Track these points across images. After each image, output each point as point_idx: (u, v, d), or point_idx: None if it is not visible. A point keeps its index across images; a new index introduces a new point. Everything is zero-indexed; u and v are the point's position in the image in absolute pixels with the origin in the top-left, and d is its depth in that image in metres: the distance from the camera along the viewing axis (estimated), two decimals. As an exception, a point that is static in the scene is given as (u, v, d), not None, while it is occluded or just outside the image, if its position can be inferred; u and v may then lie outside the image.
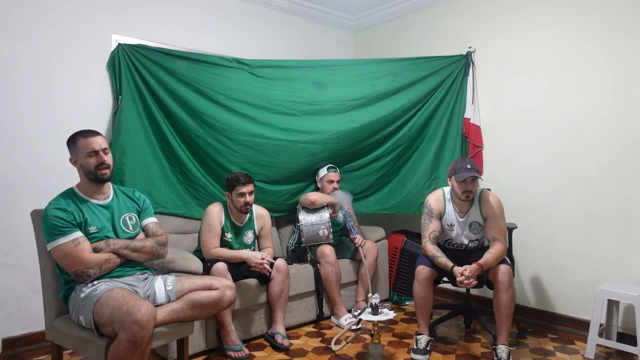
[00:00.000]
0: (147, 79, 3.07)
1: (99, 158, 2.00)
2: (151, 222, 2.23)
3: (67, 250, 1.89)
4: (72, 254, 1.89)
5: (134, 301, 1.79)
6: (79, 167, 2.03)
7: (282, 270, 2.85)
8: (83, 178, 2.06)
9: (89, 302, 1.86)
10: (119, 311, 1.76)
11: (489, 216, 2.71)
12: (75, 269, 1.90)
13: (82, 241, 1.93)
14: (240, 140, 3.24)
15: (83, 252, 1.91)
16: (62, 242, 1.89)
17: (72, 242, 1.90)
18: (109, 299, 1.82)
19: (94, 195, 2.08)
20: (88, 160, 1.99)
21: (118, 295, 1.83)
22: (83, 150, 1.99)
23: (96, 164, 1.99)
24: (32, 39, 2.82)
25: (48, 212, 1.93)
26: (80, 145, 1.99)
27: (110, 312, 1.78)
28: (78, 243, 1.91)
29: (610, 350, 2.76)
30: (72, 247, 1.89)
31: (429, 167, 3.68)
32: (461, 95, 3.67)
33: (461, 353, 2.72)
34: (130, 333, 1.71)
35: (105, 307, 1.80)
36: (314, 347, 2.81)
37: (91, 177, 2.02)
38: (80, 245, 1.91)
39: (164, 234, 2.23)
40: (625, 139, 2.87)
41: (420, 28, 4.09)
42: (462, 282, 2.50)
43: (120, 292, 1.86)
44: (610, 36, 2.92)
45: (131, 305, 1.77)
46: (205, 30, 3.61)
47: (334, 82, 3.57)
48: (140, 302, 1.79)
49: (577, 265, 3.09)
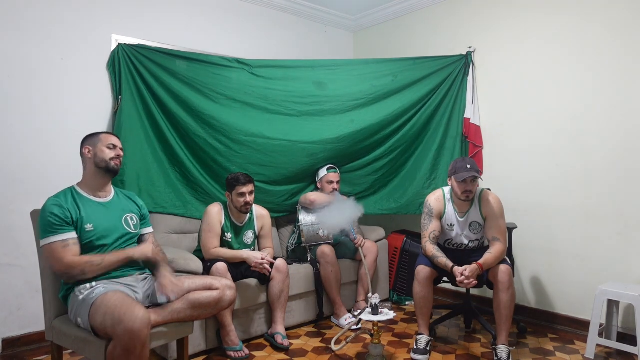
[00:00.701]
0: (147, 79, 3.07)
1: (117, 152, 2.11)
2: (150, 232, 2.28)
3: (55, 249, 1.90)
4: (58, 254, 1.89)
5: (127, 307, 1.75)
6: (91, 157, 2.06)
7: (282, 270, 2.85)
8: (90, 171, 2.08)
9: (86, 305, 1.85)
10: (111, 318, 1.73)
11: (488, 216, 2.71)
12: (57, 268, 1.91)
13: (70, 243, 1.92)
14: (240, 140, 3.24)
15: (67, 255, 1.90)
16: (52, 240, 1.90)
17: (62, 242, 1.90)
18: (102, 305, 1.79)
19: (95, 193, 2.09)
20: (106, 150, 2.07)
21: (112, 300, 1.79)
22: (104, 141, 2.08)
23: (113, 155, 2.08)
24: (32, 39, 2.82)
25: (45, 208, 1.94)
26: (103, 138, 2.09)
27: (102, 319, 1.76)
28: (66, 245, 1.91)
29: (610, 350, 2.76)
30: (60, 247, 1.90)
31: (429, 167, 3.68)
32: (461, 95, 3.67)
33: (461, 353, 2.72)
34: (123, 341, 1.69)
35: (99, 312, 1.78)
36: (314, 347, 2.81)
37: (102, 165, 2.06)
38: (68, 248, 1.91)
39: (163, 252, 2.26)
40: (626, 139, 2.87)
41: (420, 28, 4.09)
42: (462, 282, 2.50)
43: (115, 296, 1.82)
44: (611, 35, 2.92)
45: (123, 312, 1.72)
46: (205, 30, 3.61)
47: (334, 82, 3.57)
48: (133, 309, 1.74)
49: (577, 265, 3.09)
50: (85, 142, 2.11)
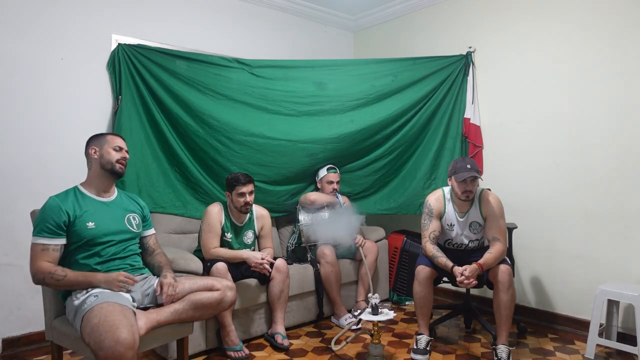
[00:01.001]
0: (147, 79, 3.07)
1: (122, 154, 2.12)
2: (153, 234, 2.31)
3: (34, 250, 1.92)
4: (35, 255, 1.91)
5: (110, 327, 1.65)
6: (97, 157, 2.07)
7: (282, 270, 2.85)
8: (95, 171, 2.09)
9: (79, 315, 1.83)
10: (94, 340, 1.66)
11: (488, 216, 2.71)
12: (30, 268, 1.91)
13: (50, 249, 1.92)
14: (240, 140, 3.23)
15: (39, 259, 1.90)
16: (37, 241, 1.92)
17: (42, 245, 1.91)
18: (90, 320, 1.72)
19: (99, 193, 2.11)
20: (112, 152, 2.09)
21: (98, 317, 1.71)
22: (111, 143, 2.10)
23: (119, 157, 2.10)
24: (32, 38, 2.82)
25: (45, 207, 1.97)
26: (110, 139, 2.12)
27: (88, 338, 1.70)
28: (46, 249, 1.91)
29: (610, 350, 2.76)
30: (39, 250, 1.91)
31: (429, 167, 3.69)
32: (461, 95, 3.67)
33: (461, 353, 2.72)
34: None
35: (86, 329, 1.72)
36: (314, 347, 2.81)
37: (107, 167, 2.08)
38: (45, 253, 1.91)
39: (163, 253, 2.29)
40: (626, 139, 2.87)
41: (420, 28, 4.09)
42: (462, 282, 2.50)
43: (103, 310, 1.73)
44: (611, 35, 2.92)
45: (104, 336, 1.63)
46: (205, 30, 3.61)
47: (334, 82, 3.57)
48: (115, 330, 1.64)
49: (577, 265, 3.09)
50: (91, 142, 2.11)
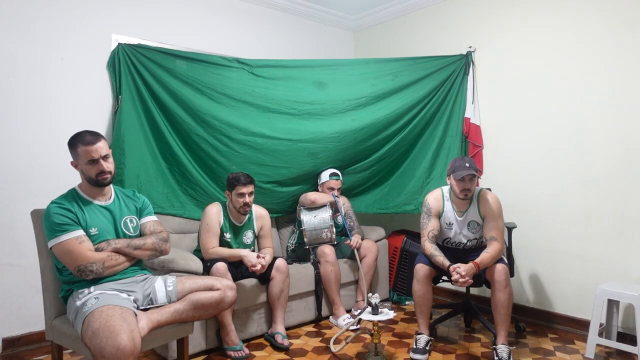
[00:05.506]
0: (147, 78, 3.07)
1: (99, 167, 1.98)
2: (150, 220, 2.22)
3: (71, 246, 1.89)
4: (75, 250, 1.89)
5: (111, 334, 1.64)
6: (79, 171, 2.04)
7: (282, 270, 2.85)
8: (84, 181, 2.06)
9: (80, 317, 1.82)
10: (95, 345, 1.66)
11: (487, 215, 2.71)
12: (78, 264, 1.89)
13: (85, 239, 1.93)
14: (241, 139, 3.23)
15: (85, 250, 1.91)
16: (65, 238, 1.89)
17: (76, 239, 1.91)
18: (90, 324, 1.72)
19: (95, 197, 2.08)
20: (88, 167, 1.98)
21: (98, 320, 1.71)
22: (83, 157, 1.97)
23: (97, 172, 1.99)
24: (32, 38, 2.82)
25: (50, 209, 1.94)
26: (80, 152, 1.97)
27: (89, 342, 1.69)
28: (82, 241, 1.92)
29: (610, 350, 2.76)
30: (76, 243, 1.90)
31: (427, 166, 3.68)
32: (461, 94, 3.67)
33: (461, 353, 2.72)
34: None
35: (87, 332, 1.72)
36: (314, 347, 2.81)
37: (92, 182, 2.03)
38: (84, 243, 1.92)
39: (164, 231, 2.22)
40: (626, 139, 2.87)
41: (420, 28, 4.09)
42: (457, 281, 2.51)
43: (104, 314, 1.73)
44: (611, 34, 2.92)
45: (104, 342, 1.62)
46: (205, 30, 3.61)
47: (334, 82, 3.57)
48: (116, 337, 1.63)
49: (577, 265, 3.09)
50: (70, 153, 2.02)
